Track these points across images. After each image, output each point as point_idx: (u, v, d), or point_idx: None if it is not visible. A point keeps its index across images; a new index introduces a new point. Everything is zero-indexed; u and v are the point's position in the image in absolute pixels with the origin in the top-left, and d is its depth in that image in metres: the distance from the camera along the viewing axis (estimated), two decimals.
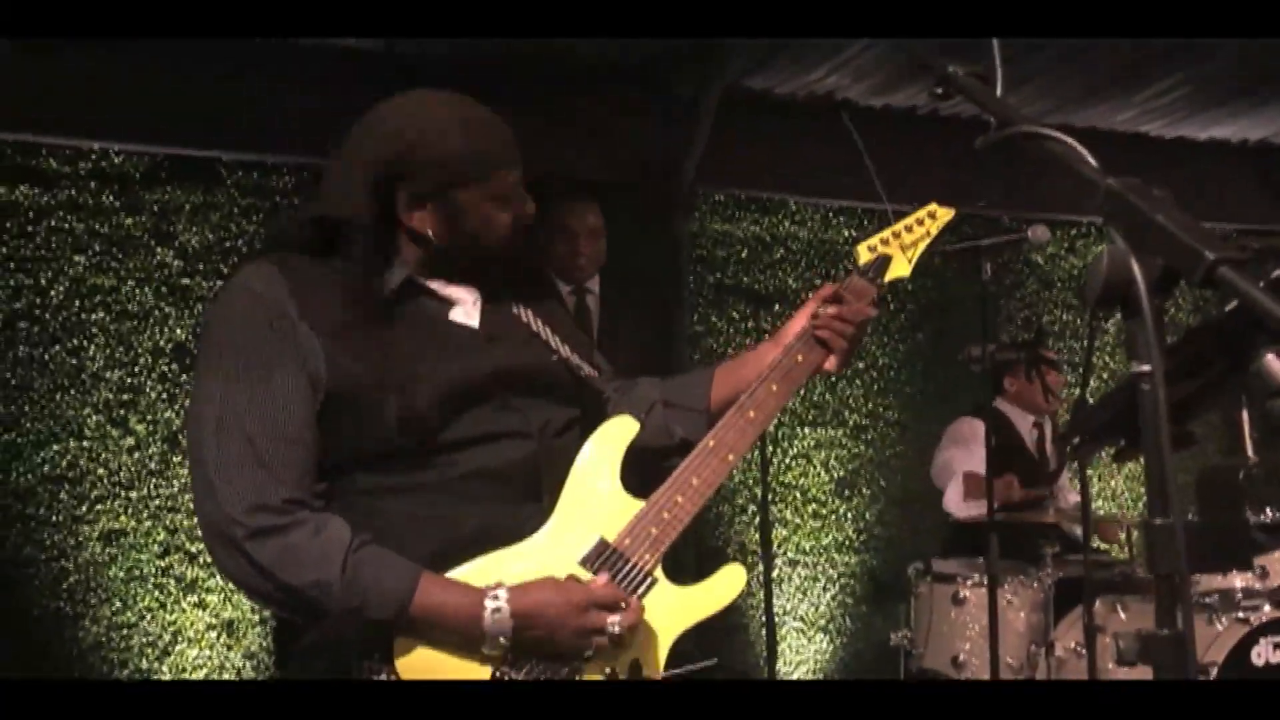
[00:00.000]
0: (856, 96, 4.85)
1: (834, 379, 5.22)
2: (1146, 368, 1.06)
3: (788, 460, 5.11)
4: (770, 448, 5.08)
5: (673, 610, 1.63)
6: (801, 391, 5.16)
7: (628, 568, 1.59)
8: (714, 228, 5.09)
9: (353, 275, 1.56)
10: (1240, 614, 3.39)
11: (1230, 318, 1.06)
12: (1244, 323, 1.05)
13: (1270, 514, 3.59)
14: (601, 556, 1.59)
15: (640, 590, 1.59)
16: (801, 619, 5.08)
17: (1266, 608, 3.45)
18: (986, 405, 4.05)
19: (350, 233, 1.56)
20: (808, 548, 5.12)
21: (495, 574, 1.51)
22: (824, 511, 5.17)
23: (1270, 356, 1.07)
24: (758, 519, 4.91)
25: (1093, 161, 1.13)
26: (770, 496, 5.06)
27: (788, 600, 5.06)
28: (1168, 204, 1.07)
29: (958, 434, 4.32)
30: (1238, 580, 3.58)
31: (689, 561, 3.22)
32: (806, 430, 5.16)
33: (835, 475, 5.20)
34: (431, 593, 1.47)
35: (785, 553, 5.09)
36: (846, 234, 5.29)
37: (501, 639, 1.47)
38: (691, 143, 4.60)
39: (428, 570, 1.48)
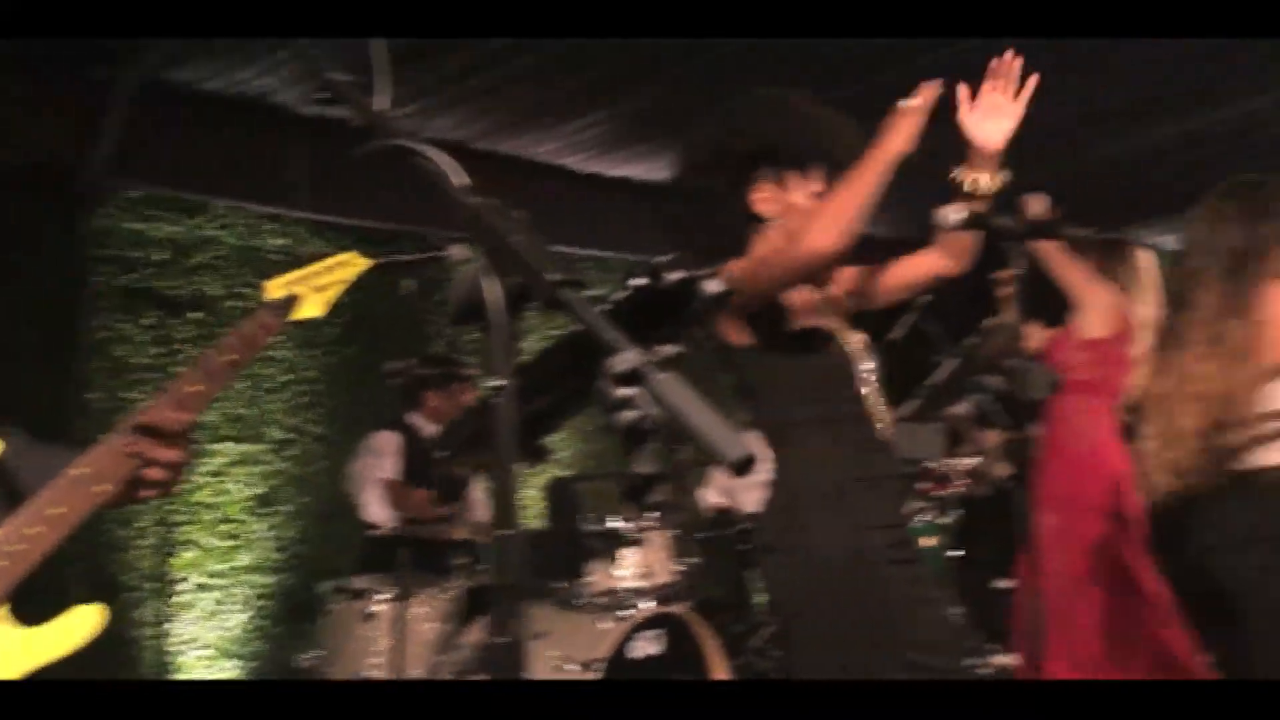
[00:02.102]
0: (293, 102, 4.71)
1: (255, 393, 5.01)
2: (499, 382, 1.10)
3: (200, 478, 4.81)
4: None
5: (12, 653, 1.45)
6: (219, 406, 4.89)
7: None
8: (127, 227, 4.67)
9: None
10: (623, 611, 3.71)
11: (579, 336, 1.13)
12: (589, 341, 1.12)
13: (613, 521, 3.96)
14: None
15: None
16: (207, 646, 4.79)
17: (645, 604, 3.82)
18: (399, 420, 4.10)
19: None
20: (220, 570, 4.85)
21: None
22: (240, 531, 4.93)
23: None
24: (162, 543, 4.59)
25: (461, 180, 1.16)
26: (180, 517, 4.75)
27: (193, 627, 4.75)
28: (523, 227, 1.12)
29: (371, 446, 4.35)
30: (625, 580, 3.93)
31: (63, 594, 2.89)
32: (223, 446, 4.90)
33: (254, 492, 4.98)
34: None
35: (193, 577, 4.77)
36: (275, 242, 5.11)
37: None
38: (99, 135, 4.18)
39: None
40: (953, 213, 2.19)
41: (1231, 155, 5.72)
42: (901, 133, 2.02)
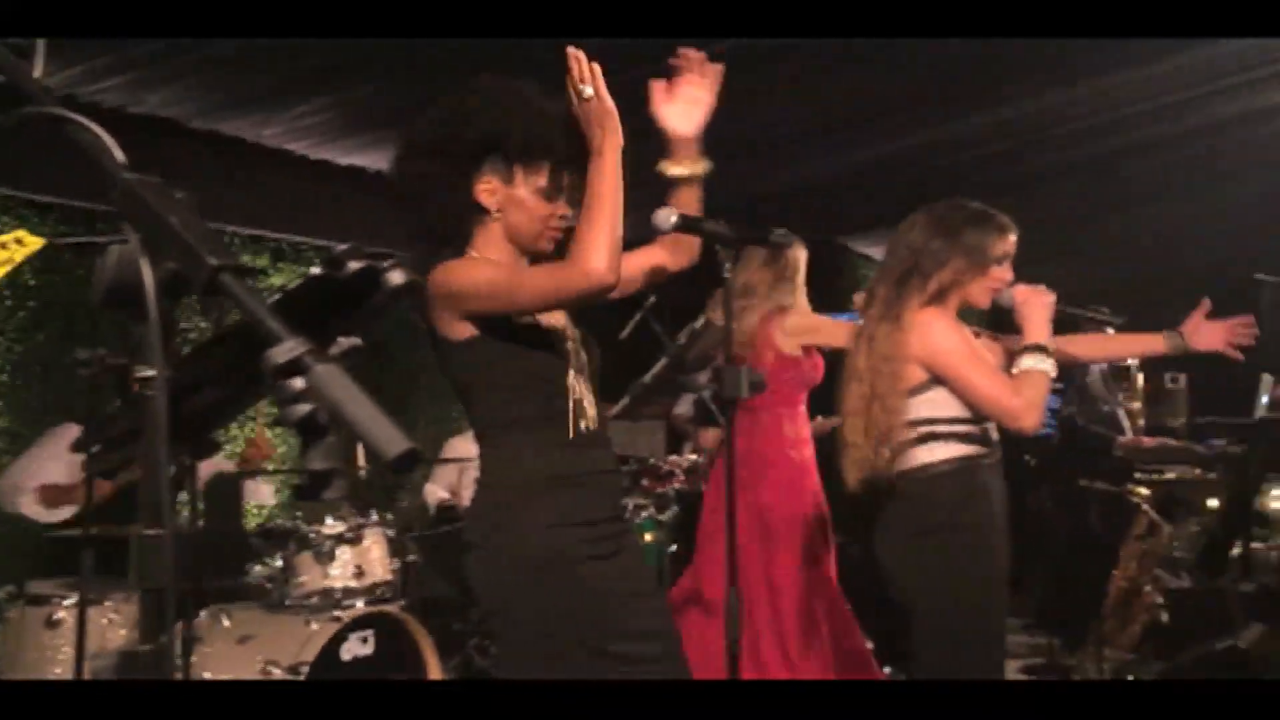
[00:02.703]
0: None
1: None
2: (151, 373, 1.02)
3: None
4: None
5: None
6: None
7: None
8: None
9: None
10: (335, 612, 3.61)
11: (245, 328, 1.07)
12: (254, 333, 1.07)
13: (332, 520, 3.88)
14: None
15: None
16: None
17: (359, 604, 3.73)
18: (91, 411, 3.81)
19: None
20: None
21: None
22: None
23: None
24: None
25: (118, 155, 1.07)
26: None
27: None
28: (185, 207, 1.05)
29: (41, 442, 4.08)
30: (338, 581, 3.82)
31: None
32: None
33: None
34: None
35: None
36: None
37: None
38: None
39: None
40: (668, 216, 2.24)
41: (961, 171, 6.17)
42: (610, 125, 2.04)
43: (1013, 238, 2.67)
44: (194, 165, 4.94)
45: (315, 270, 1.11)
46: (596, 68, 2.07)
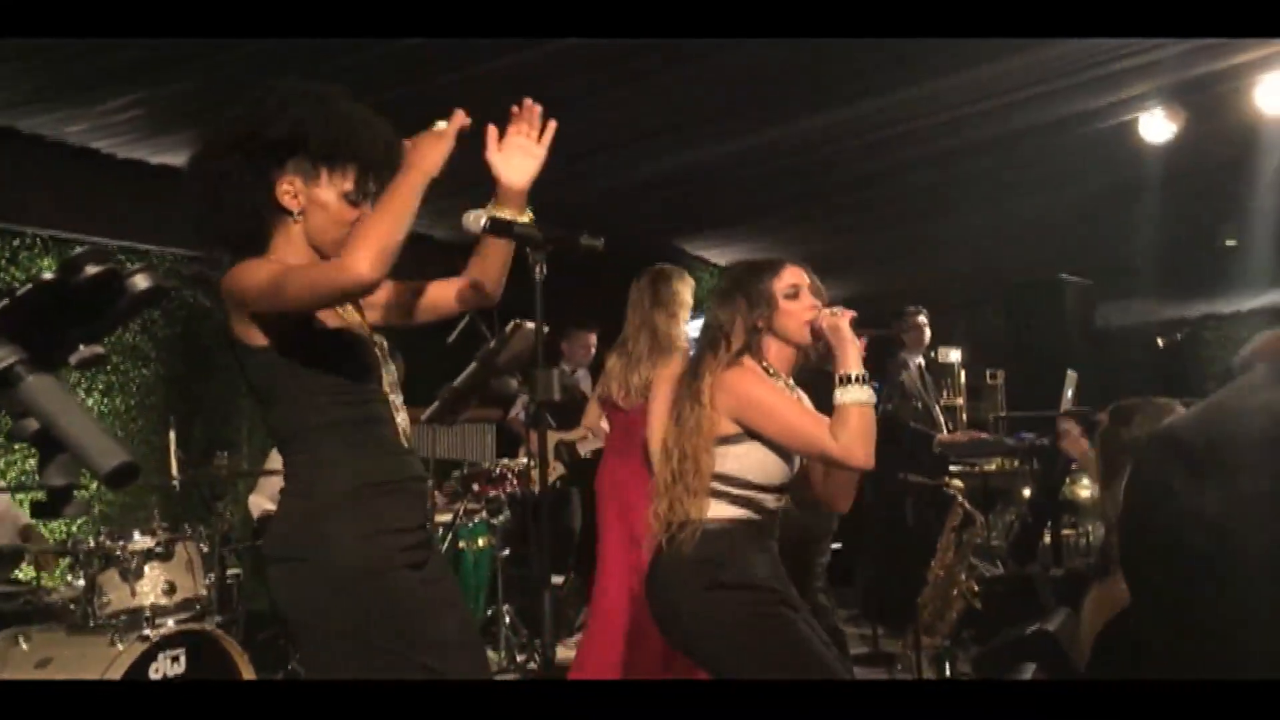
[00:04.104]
0: None
1: None
2: None
3: None
4: None
5: None
6: None
7: None
8: None
9: None
10: (145, 631, 3.46)
11: None
12: None
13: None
14: None
15: None
16: None
17: (170, 623, 3.58)
18: None
19: None
20: None
21: None
22: None
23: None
24: None
25: None
26: None
27: None
28: None
29: None
30: (147, 599, 3.66)
31: None
32: None
33: None
34: None
35: None
36: None
37: None
38: None
39: None
40: (478, 218, 2.22)
41: (786, 173, 6.29)
42: (433, 155, 2.02)
43: (790, 272, 2.71)
44: None
45: (46, 275, 1.05)
46: (458, 113, 2.06)
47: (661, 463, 2.61)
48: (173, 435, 4.23)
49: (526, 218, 2.30)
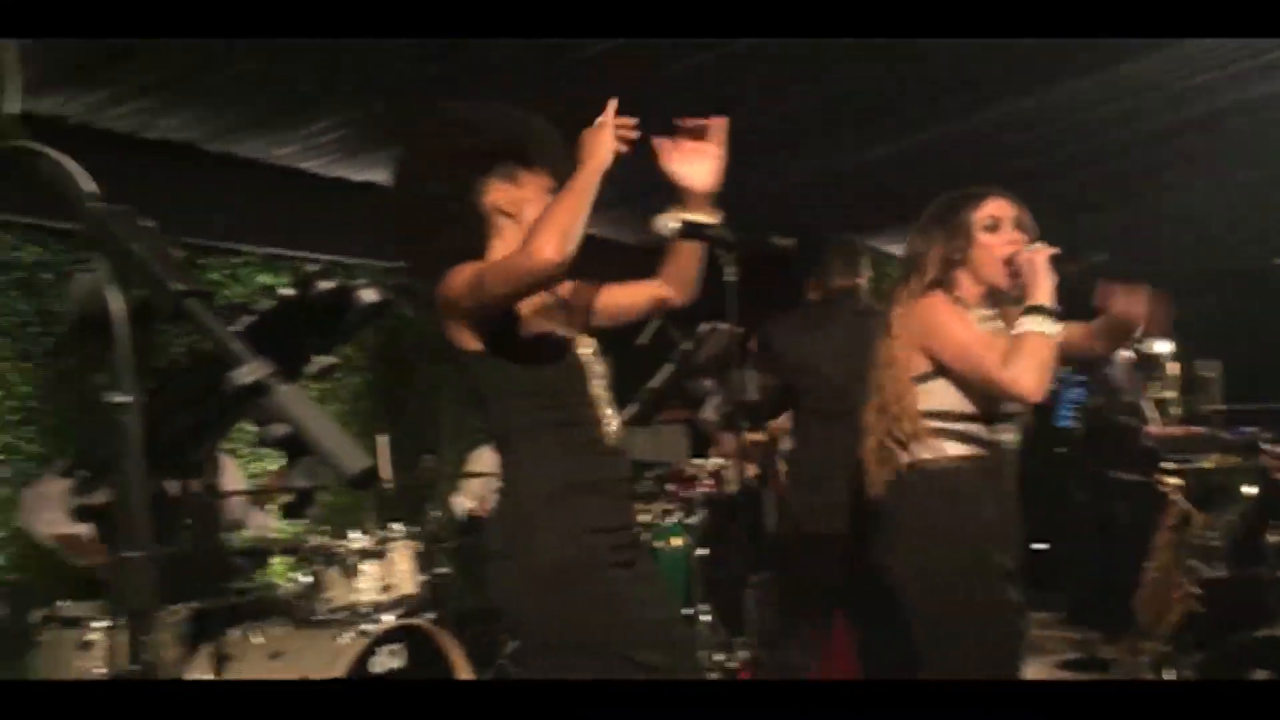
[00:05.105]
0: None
1: None
2: (124, 398, 1.04)
3: None
4: None
5: None
6: None
7: None
8: None
9: None
10: (364, 626, 3.63)
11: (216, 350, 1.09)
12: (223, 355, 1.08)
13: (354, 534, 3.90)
14: None
15: None
16: None
17: (389, 618, 3.75)
18: None
19: None
20: None
21: None
22: None
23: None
24: None
25: (86, 185, 1.09)
26: None
27: None
28: (151, 235, 1.06)
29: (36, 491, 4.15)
30: (365, 595, 3.85)
31: None
32: None
33: None
34: None
35: None
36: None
37: None
38: None
39: None
40: (669, 221, 2.25)
41: (989, 160, 6.12)
42: (599, 147, 2.06)
43: (992, 204, 2.62)
44: (211, 187, 5.00)
45: (284, 291, 1.12)
46: (611, 103, 2.11)
47: (868, 404, 2.61)
48: (386, 439, 4.41)
49: (716, 218, 2.31)
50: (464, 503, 5.56)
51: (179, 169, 4.88)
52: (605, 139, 2.07)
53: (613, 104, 2.12)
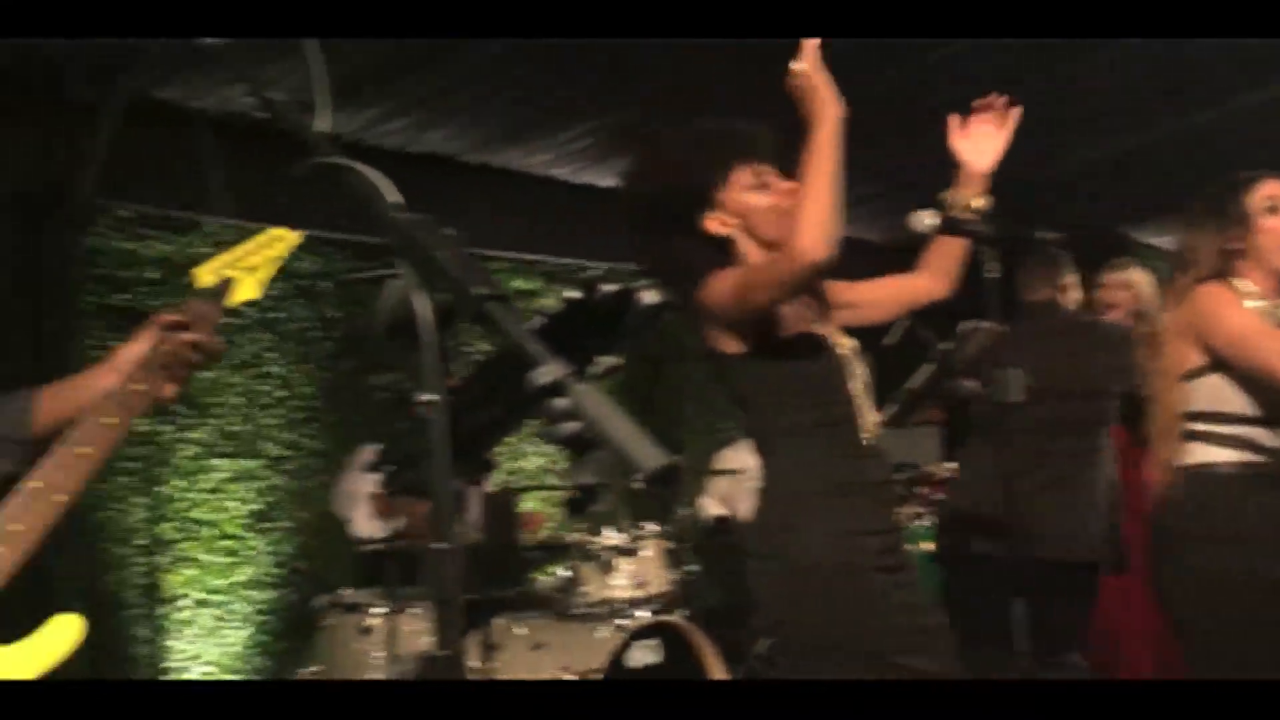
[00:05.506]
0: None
1: (250, 409, 5.04)
2: (431, 398, 1.10)
3: (198, 495, 4.83)
4: (179, 482, 4.79)
5: None
6: (216, 422, 4.92)
7: None
8: (118, 246, 4.70)
9: None
10: (618, 621, 3.72)
11: (513, 352, 1.13)
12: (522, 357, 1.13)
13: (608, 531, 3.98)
14: None
15: None
16: (210, 662, 4.80)
17: (644, 614, 3.83)
18: (390, 433, 4.13)
19: None
20: (219, 586, 4.87)
21: None
22: (238, 547, 4.95)
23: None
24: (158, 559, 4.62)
25: (393, 196, 1.16)
26: (177, 534, 4.77)
27: (195, 643, 4.76)
28: (452, 242, 1.12)
29: (357, 460, 4.40)
30: (619, 591, 3.94)
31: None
32: (219, 462, 4.92)
33: (251, 508, 5.00)
34: None
35: (194, 593, 4.79)
36: None
37: None
38: (88, 154, 4.22)
39: None
40: (926, 217, 2.20)
41: (1233, 152, 5.70)
42: (825, 103, 1.97)
43: (1270, 184, 2.44)
44: (468, 197, 5.25)
45: (571, 294, 1.16)
46: (810, 43, 2.02)
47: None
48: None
49: (984, 202, 2.27)
50: (709, 504, 5.61)
51: (440, 181, 5.15)
52: (818, 85, 1.97)
53: (812, 44, 2.00)
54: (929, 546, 5.08)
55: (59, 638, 1.50)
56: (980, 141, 2.28)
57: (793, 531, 2.10)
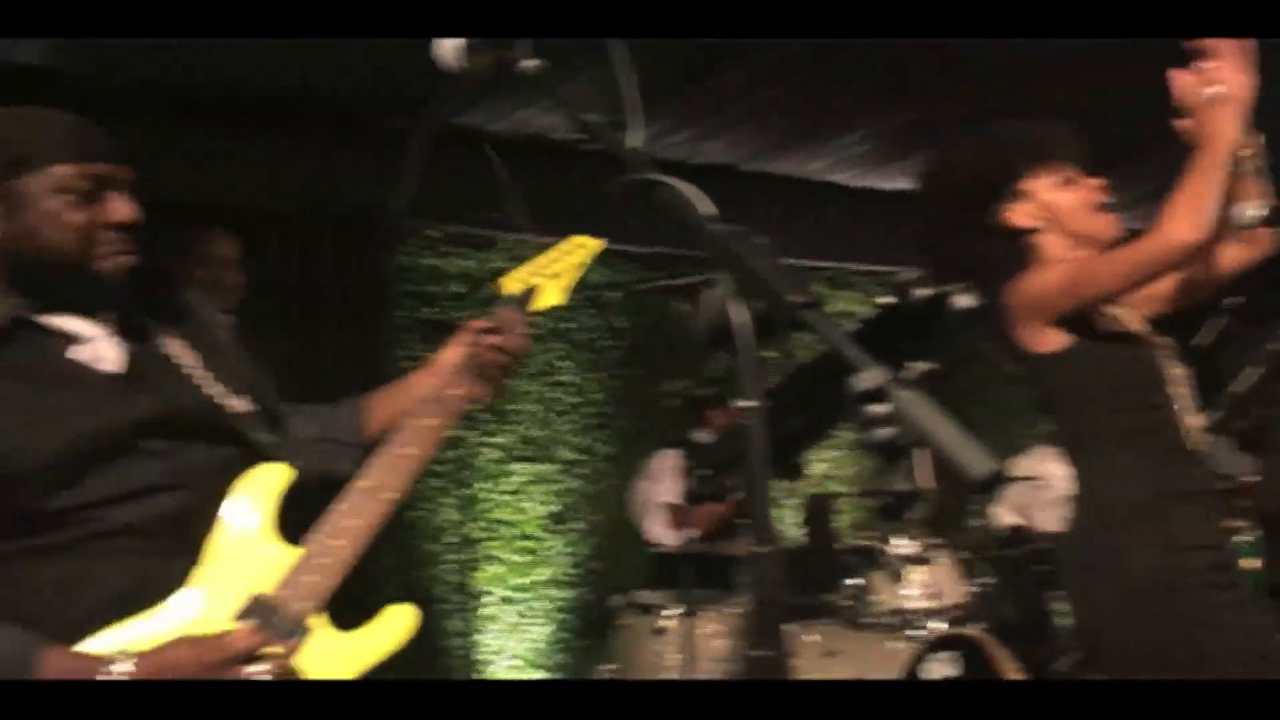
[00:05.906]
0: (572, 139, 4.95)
1: (546, 415, 5.29)
2: (750, 404, 1.12)
3: (500, 496, 5.12)
4: (483, 484, 5.09)
5: (336, 657, 1.57)
6: (514, 429, 5.19)
7: (280, 619, 1.53)
8: (425, 263, 5.06)
9: None
10: (909, 632, 3.63)
11: (827, 357, 1.14)
12: (836, 362, 1.13)
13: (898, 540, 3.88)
14: (255, 610, 1.53)
15: (293, 640, 1.53)
16: (516, 657, 5.07)
17: (939, 625, 3.72)
18: (681, 438, 4.21)
19: None
20: (521, 584, 5.13)
21: (139, 636, 1.43)
22: (537, 547, 5.20)
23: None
24: (465, 557, 4.92)
25: (706, 209, 1.19)
26: (482, 533, 5.07)
27: (500, 639, 5.04)
28: (766, 251, 1.14)
29: (650, 469, 4.50)
30: (911, 601, 3.85)
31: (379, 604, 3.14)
32: (518, 466, 5.19)
33: (549, 510, 5.24)
34: (54, 665, 1.37)
35: (498, 590, 5.08)
36: None
37: None
38: (399, 177, 4.55)
39: (52, 643, 1.39)
40: (1250, 209, 2.03)
41: None
42: (1228, 125, 1.85)
43: None
44: (749, 205, 5.29)
45: (886, 299, 1.16)
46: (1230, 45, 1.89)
47: None
48: (927, 451, 4.41)
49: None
50: (1003, 514, 5.39)
51: (722, 190, 5.21)
52: (1229, 116, 1.86)
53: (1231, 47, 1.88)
54: (1253, 564, 4.69)
55: (393, 627, 1.62)
56: (1225, 74, 1.90)
57: (1116, 545, 1.99)
